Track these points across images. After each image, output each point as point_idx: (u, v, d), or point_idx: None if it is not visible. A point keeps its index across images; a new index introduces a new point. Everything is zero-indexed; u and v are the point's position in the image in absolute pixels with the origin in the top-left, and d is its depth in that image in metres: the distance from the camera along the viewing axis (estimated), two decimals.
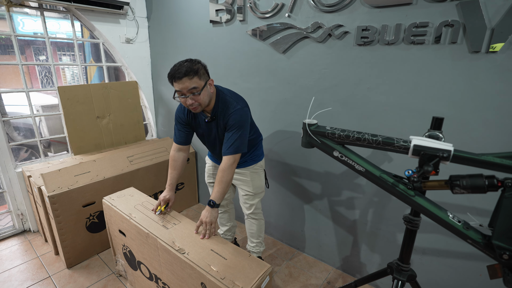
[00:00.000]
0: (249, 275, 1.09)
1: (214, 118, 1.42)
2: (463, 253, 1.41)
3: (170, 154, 1.57)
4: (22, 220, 2.26)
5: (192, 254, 1.20)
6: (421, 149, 0.79)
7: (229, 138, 1.38)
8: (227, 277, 1.08)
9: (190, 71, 1.24)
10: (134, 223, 1.42)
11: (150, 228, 1.37)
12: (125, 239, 1.56)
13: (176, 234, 1.34)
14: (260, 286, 1.09)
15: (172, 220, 1.45)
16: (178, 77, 1.24)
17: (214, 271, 1.11)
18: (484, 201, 1.29)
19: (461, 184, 0.76)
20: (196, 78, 1.26)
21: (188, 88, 1.26)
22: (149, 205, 1.57)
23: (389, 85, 1.43)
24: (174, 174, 1.55)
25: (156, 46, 2.62)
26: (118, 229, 1.58)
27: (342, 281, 1.82)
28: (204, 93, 1.30)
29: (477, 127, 1.24)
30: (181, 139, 1.54)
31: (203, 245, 1.27)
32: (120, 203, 1.59)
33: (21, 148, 3.00)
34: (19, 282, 1.76)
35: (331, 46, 1.57)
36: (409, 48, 1.34)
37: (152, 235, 1.32)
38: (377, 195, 1.62)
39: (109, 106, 2.41)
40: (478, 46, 1.17)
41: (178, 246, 1.25)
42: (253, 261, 1.18)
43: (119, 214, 1.51)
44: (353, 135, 0.92)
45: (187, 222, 1.44)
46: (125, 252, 1.64)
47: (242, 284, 1.05)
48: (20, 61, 2.01)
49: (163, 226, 1.39)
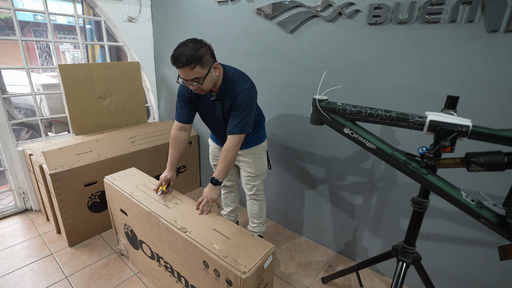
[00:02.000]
0: (252, 254, 1.08)
1: (219, 98, 1.39)
2: (467, 239, 1.40)
3: (171, 133, 1.53)
4: (24, 199, 2.26)
5: (195, 232, 1.19)
6: (437, 125, 0.76)
7: (235, 117, 1.35)
8: (229, 256, 1.07)
9: (192, 59, 1.17)
10: (136, 202, 1.40)
11: (152, 207, 1.36)
12: (127, 218, 1.55)
13: (178, 213, 1.32)
14: (263, 265, 1.08)
15: (174, 199, 1.44)
16: (179, 66, 1.19)
17: (216, 249, 1.10)
18: (493, 186, 1.27)
19: (478, 161, 0.74)
20: (198, 67, 1.19)
21: (190, 78, 1.22)
22: (150, 185, 1.56)
23: (400, 67, 1.39)
24: (175, 153, 1.51)
25: (159, 26, 2.55)
26: (120, 208, 1.57)
27: (343, 265, 1.82)
28: (207, 80, 1.25)
29: (491, 111, 1.21)
30: (183, 117, 1.50)
31: (205, 224, 1.25)
32: (121, 183, 1.57)
33: (22, 129, 2.98)
34: (21, 259, 1.77)
35: (341, 25, 1.52)
36: (423, 28, 1.29)
37: (154, 214, 1.31)
38: (382, 180, 1.60)
39: (111, 87, 2.37)
40: (497, 25, 1.12)
41: (180, 225, 1.24)
42: (256, 241, 1.16)
43: (121, 193, 1.50)
44: (366, 111, 0.89)
45: (189, 201, 1.43)
46: (126, 232, 1.63)
47: (245, 262, 1.04)
48: (20, 37, 1.96)
49: (165, 205, 1.38)
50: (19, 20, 1.96)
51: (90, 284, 1.59)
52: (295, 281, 1.67)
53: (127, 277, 1.66)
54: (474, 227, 1.36)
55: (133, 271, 1.70)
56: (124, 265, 1.75)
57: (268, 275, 1.15)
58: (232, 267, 1.02)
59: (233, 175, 1.82)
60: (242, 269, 1.01)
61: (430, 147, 0.82)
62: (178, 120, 1.51)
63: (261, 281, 1.10)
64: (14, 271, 1.67)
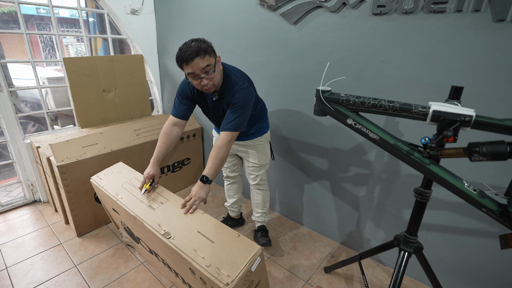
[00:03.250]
0: (236, 260, 1.03)
1: (221, 97, 1.39)
2: (469, 230, 1.41)
3: (163, 127, 1.46)
4: (33, 191, 2.31)
5: (178, 238, 1.13)
6: (440, 115, 0.76)
7: (230, 114, 1.34)
8: (212, 264, 1.02)
9: (200, 50, 1.19)
10: (121, 205, 1.35)
11: (136, 209, 1.29)
12: (120, 217, 1.54)
13: (162, 215, 1.26)
14: (250, 269, 1.03)
15: (159, 198, 1.37)
16: (190, 58, 1.18)
17: (200, 257, 1.05)
18: (496, 176, 1.27)
19: (480, 151, 0.74)
20: (207, 56, 1.21)
21: (202, 68, 1.21)
22: (136, 182, 1.49)
23: (405, 58, 1.38)
24: (162, 148, 1.43)
25: (162, 18, 2.54)
26: (112, 207, 1.55)
27: (345, 255, 1.85)
28: (217, 70, 1.27)
29: (496, 101, 1.20)
30: (180, 112, 1.45)
31: (190, 227, 1.19)
32: (107, 183, 1.52)
33: (28, 122, 3.02)
34: (32, 248, 1.82)
35: (345, 16, 1.50)
36: (429, 18, 1.28)
37: (139, 218, 1.25)
38: (385, 172, 1.60)
39: (115, 80, 2.38)
40: (504, 14, 1.11)
41: (164, 230, 1.17)
42: (242, 243, 1.10)
43: (107, 195, 1.45)
44: (369, 102, 0.90)
45: (175, 199, 1.36)
46: (125, 227, 1.65)
47: (228, 272, 0.98)
48: (25, 30, 1.97)
49: (150, 206, 1.31)
50: (23, 14, 1.97)
51: (98, 273, 1.64)
52: (298, 270, 1.70)
53: (134, 266, 1.70)
54: (476, 217, 1.37)
55: (139, 260, 1.75)
56: (131, 254, 1.79)
57: (259, 274, 1.11)
58: (215, 278, 0.97)
59: (236, 166, 1.84)
60: (225, 280, 0.96)
61: (433, 137, 0.82)
62: (175, 115, 1.46)
63: (251, 283, 1.07)
64: (25, 259, 1.73)
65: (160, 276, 1.63)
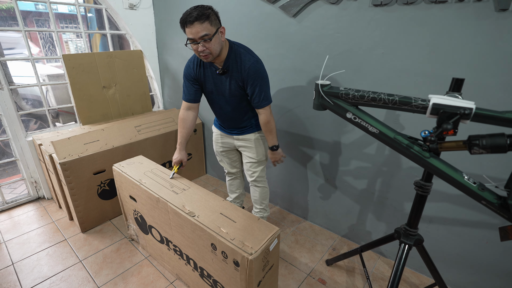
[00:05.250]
0: (258, 237, 1.12)
1: (226, 71, 1.40)
2: (470, 221, 1.41)
3: (179, 114, 1.59)
4: (36, 188, 2.33)
5: (202, 217, 1.23)
6: (440, 108, 0.76)
7: (256, 90, 1.40)
8: (236, 238, 1.11)
9: (202, 15, 1.22)
10: (144, 188, 1.44)
11: (160, 193, 1.40)
12: (136, 205, 1.60)
13: (186, 198, 1.36)
14: (268, 248, 1.11)
15: (181, 185, 1.47)
16: (189, 21, 1.22)
17: (224, 232, 1.14)
18: (498, 169, 1.26)
19: (480, 144, 0.74)
20: (207, 23, 1.24)
21: (200, 35, 1.24)
22: (158, 172, 1.59)
23: (405, 50, 1.36)
24: (183, 132, 1.57)
25: (160, 13, 2.52)
26: (129, 195, 1.62)
27: (347, 247, 1.86)
28: (215, 40, 1.28)
29: (497, 92, 1.19)
30: (190, 96, 1.54)
31: (212, 209, 1.29)
32: (130, 170, 1.61)
33: (30, 120, 3.03)
34: (37, 244, 1.85)
35: (345, 7, 1.48)
36: (430, 8, 1.25)
37: (163, 200, 1.35)
38: (386, 165, 1.60)
39: (115, 76, 2.38)
40: (507, 4, 1.08)
41: (188, 210, 1.27)
42: (262, 224, 1.20)
43: (130, 180, 1.54)
44: (368, 95, 0.89)
45: (196, 187, 1.47)
46: (136, 217, 1.69)
47: (251, 244, 1.07)
48: (23, 27, 1.96)
49: (173, 191, 1.42)
50: (21, 10, 1.96)
51: (103, 268, 1.67)
52: (300, 263, 1.72)
53: (138, 260, 1.73)
54: (477, 209, 1.37)
55: (143, 255, 1.77)
56: (134, 249, 1.82)
57: (274, 257, 1.18)
58: (239, 248, 1.05)
59: (237, 162, 1.84)
60: (249, 250, 1.04)
61: (432, 130, 0.82)
62: (185, 100, 1.56)
63: (267, 263, 1.14)
64: (31, 255, 1.76)
65: (164, 271, 1.65)
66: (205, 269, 1.31)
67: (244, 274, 1.07)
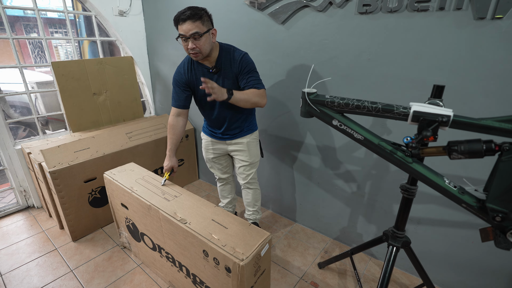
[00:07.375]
0: (249, 243, 1.13)
1: (219, 69, 1.44)
2: (456, 222, 1.45)
3: (169, 121, 1.59)
4: (26, 197, 2.30)
5: (194, 224, 1.24)
6: (420, 115, 0.79)
7: (251, 77, 1.43)
8: (228, 244, 1.12)
9: (195, 14, 1.27)
10: (136, 196, 1.44)
11: (152, 200, 1.40)
12: (128, 212, 1.60)
13: (177, 205, 1.37)
14: (260, 253, 1.13)
15: (173, 192, 1.48)
16: (182, 19, 1.27)
17: (215, 239, 1.15)
18: (481, 171, 1.31)
19: (458, 149, 0.77)
20: (199, 22, 1.28)
21: (190, 32, 1.28)
22: (149, 179, 1.59)
23: (390, 56, 1.40)
24: (173, 139, 1.58)
25: (150, 19, 2.53)
26: (121, 202, 1.61)
27: (339, 250, 1.88)
28: (205, 39, 1.32)
29: (477, 97, 1.23)
30: (180, 102, 1.55)
31: (204, 215, 1.30)
32: (121, 177, 1.61)
33: (19, 127, 2.99)
34: (27, 254, 1.83)
35: (331, 15, 1.52)
36: (413, 16, 1.30)
37: (154, 207, 1.35)
38: (375, 168, 1.64)
39: (105, 83, 2.37)
40: (484, 12, 1.13)
41: (180, 217, 1.28)
42: (253, 230, 1.21)
43: (121, 188, 1.54)
44: (353, 103, 0.92)
45: (188, 194, 1.47)
46: (128, 225, 1.68)
47: (242, 250, 1.09)
48: (11, 35, 1.94)
49: (165, 198, 1.42)
50: (9, 15, 1.94)
51: (95, 277, 1.65)
52: (293, 267, 1.74)
53: (130, 268, 1.72)
54: (462, 210, 1.41)
55: (136, 262, 1.76)
56: (127, 257, 1.81)
57: (265, 262, 1.20)
58: (230, 255, 1.07)
59: (227, 168, 1.86)
60: (240, 256, 1.06)
61: (414, 136, 0.84)
62: (175, 106, 1.57)
63: (259, 268, 1.16)
64: (20, 266, 1.73)
65: (157, 278, 1.65)
66: (197, 276, 1.31)
67: (236, 280, 1.08)
